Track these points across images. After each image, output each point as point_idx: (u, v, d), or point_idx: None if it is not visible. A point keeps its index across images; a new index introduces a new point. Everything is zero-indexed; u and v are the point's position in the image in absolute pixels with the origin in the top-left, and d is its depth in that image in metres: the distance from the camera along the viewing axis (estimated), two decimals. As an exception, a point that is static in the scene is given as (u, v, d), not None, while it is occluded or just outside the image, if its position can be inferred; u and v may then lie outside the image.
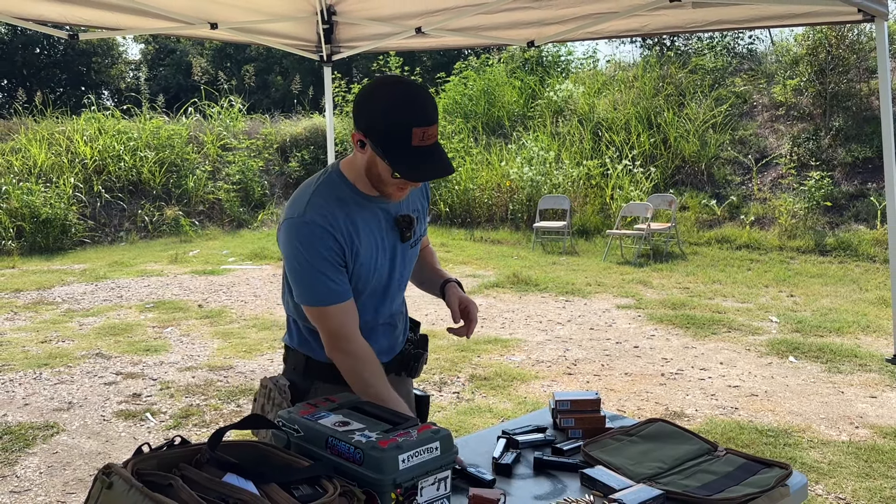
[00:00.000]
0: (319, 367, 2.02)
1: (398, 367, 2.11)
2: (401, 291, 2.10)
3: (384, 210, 1.96)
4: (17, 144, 13.48)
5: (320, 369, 2.02)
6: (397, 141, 1.75)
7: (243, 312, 7.70)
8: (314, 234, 1.84)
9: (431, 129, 1.77)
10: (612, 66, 16.43)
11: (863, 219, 10.63)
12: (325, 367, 2.01)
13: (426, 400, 2.20)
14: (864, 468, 3.95)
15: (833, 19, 2.85)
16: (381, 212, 1.96)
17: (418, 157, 1.76)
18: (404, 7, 3.46)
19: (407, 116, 1.75)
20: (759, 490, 1.78)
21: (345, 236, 1.87)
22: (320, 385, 2.02)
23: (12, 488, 3.87)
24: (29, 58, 23.07)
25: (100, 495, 1.39)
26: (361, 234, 1.91)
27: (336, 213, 1.87)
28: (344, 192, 1.91)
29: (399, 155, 1.76)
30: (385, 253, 1.98)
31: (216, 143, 15.20)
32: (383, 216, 1.96)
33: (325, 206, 1.88)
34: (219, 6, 3.40)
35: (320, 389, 2.01)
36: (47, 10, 3.16)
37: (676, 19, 3.16)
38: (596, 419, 2.22)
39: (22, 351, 6.33)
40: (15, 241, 11.66)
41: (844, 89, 12.13)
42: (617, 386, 5.34)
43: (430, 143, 1.77)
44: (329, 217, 1.86)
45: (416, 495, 1.52)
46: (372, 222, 1.94)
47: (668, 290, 8.52)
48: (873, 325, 6.78)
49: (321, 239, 1.84)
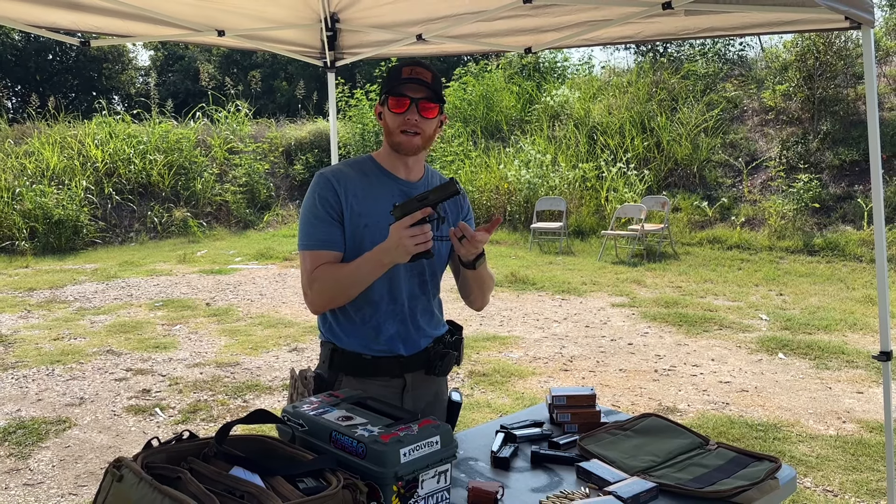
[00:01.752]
0: (344, 357, 2.02)
1: (423, 364, 2.06)
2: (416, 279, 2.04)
3: (403, 190, 2.01)
4: (31, 148, 13.49)
5: (345, 359, 2.02)
6: (392, 80, 1.95)
7: (249, 311, 7.70)
8: (319, 184, 1.97)
9: (419, 69, 1.94)
10: (606, 71, 16.44)
11: (850, 220, 10.63)
12: (349, 357, 2.01)
13: (456, 406, 2.13)
14: (850, 461, 3.95)
15: (821, 27, 2.84)
16: (399, 190, 2.01)
17: (402, 84, 1.93)
18: (405, 15, 3.46)
19: (400, 64, 1.98)
20: (750, 483, 1.78)
21: (348, 193, 1.96)
22: (344, 378, 2.02)
23: (26, 481, 3.87)
24: (42, 64, 23.10)
25: (110, 488, 1.39)
26: (370, 200, 1.97)
27: (350, 175, 1.99)
28: (367, 166, 2.04)
29: (389, 83, 1.96)
30: None
31: (223, 146, 15.20)
32: (400, 194, 2.00)
33: (344, 168, 2.02)
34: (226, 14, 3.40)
35: (345, 382, 2.01)
36: (60, 18, 3.16)
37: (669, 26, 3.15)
38: (591, 414, 2.22)
39: (35, 348, 6.33)
40: (28, 242, 11.66)
41: (832, 94, 12.13)
42: (612, 382, 5.34)
43: (418, 77, 1.93)
44: (339, 174, 1.98)
45: (417, 488, 1.52)
46: (384, 192, 1.99)
47: (661, 288, 8.52)
48: (860, 322, 6.78)
49: (323, 188, 1.96)
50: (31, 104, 16.26)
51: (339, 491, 1.36)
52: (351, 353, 2.01)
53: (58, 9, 3.08)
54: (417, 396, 2.04)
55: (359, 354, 2.01)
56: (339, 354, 2.03)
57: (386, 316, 2.01)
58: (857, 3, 2.35)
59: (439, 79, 2.00)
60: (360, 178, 2.00)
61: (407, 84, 1.93)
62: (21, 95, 22.81)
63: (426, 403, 2.07)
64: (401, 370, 2.02)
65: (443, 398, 2.16)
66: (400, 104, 1.94)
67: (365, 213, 1.96)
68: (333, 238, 1.94)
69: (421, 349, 2.06)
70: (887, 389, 2.78)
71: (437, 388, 2.14)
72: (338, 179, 1.97)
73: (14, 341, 6.56)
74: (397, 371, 2.02)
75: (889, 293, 2.77)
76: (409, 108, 1.94)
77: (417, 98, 1.93)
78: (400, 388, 2.04)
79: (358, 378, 2.01)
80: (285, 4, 3.43)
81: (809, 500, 3.52)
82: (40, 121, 14.80)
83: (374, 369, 2.01)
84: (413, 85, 1.93)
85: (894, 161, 10.81)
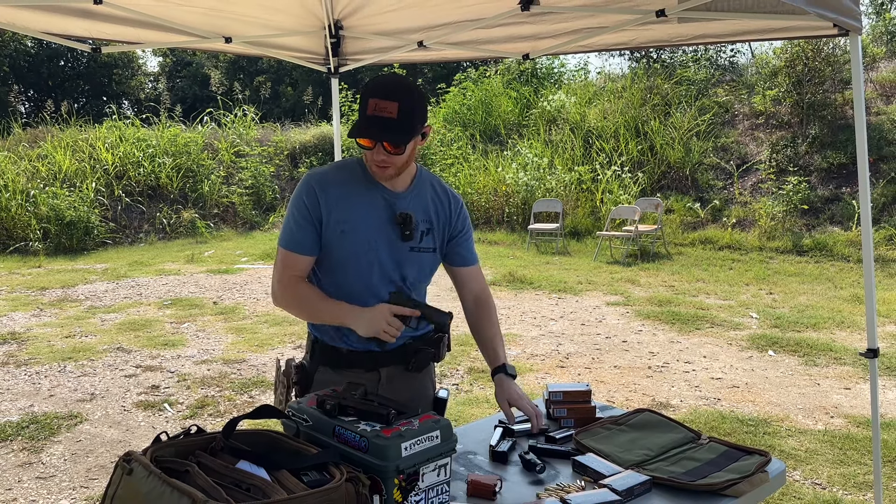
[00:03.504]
0: (324, 350, 2.03)
1: (398, 360, 2.03)
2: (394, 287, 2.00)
3: (387, 200, 1.96)
4: (44, 151, 13.49)
5: (324, 352, 2.03)
6: (361, 111, 1.85)
7: (255, 309, 7.69)
8: (304, 187, 1.94)
9: (385, 102, 1.80)
10: (602, 77, 16.44)
11: (838, 221, 10.63)
12: (328, 350, 2.02)
13: (442, 403, 2.12)
14: (838, 455, 3.95)
15: (810, 33, 2.84)
16: (383, 200, 1.96)
17: (366, 123, 1.82)
18: (407, 22, 3.45)
19: (370, 90, 1.83)
20: (740, 476, 1.78)
21: (329, 199, 1.92)
22: (322, 369, 2.03)
23: (38, 474, 3.87)
24: (54, 70, 23.09)
25: (120, 481, 1.39)
26: (352, 207, 1.93)
27: (335, 180, 1.95)
28: (355, 170, 1.98)
29: (357, 122, 1.85)
30: (379, 239, 1.94)
31: (230, 149, 15.20)
32: (384, 204, 1.96)
33: (330, 173, 1.98)
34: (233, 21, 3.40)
35: (322, 373, 2.03)
36: (72, 26, 3.16)
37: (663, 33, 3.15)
38: (587, 409, 2.22)
39: (47, 345, 6.33)
40: (41, 243, 11.65)
41: (820, 99, 12.13)
42: (607, 378, 5.34)
43: (384, 115, 1.80)
44: (324, 180, 1.95)
45: (417, 481, 1.52)
46: (367, 201, 1.95)
47: (654, 288, 8.52)
48: (847, 321, 6.78)
49: (306, 191, 1.93)
50: (45, 109, 16.25)
51: (343, 484, 1.36)
52: (329, 345, 2.02)
53: (70, 17, 3.08)
54: (394, 390, 1.99)
55: (336, 348, 2.01)
56: (319, 346, 2.05)
57: None
58: (846, 10, 2.35)
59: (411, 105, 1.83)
60: (345, 183, 1.95)
61: (372, 121, 1.82)
62: (34, 100, 22.81)
63: (407, 399, 1.99)
64: (375, 364, 2.01)
65: (427, 394, 2.13)
66: (366, 142, 1.86)
67: (344, 220, 1.92)
68: (307, 241, 1.93)
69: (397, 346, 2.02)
70: (874, 385, 2.78)
71: (418, 384, 2.10)
72: (321, 186, 1.93)
73: (27, 339, 6.56)
74: (371, 365, 2.01)
75: (876, 292, 2.76)
76: (376, 147, 1.86)
77: (381, 139, 1.83)
78: (375, 381, 2.01)
79: (334, 370, 2.02)
80: (290, 12, 3.43)
81: (798, 493, 3.52)
82: (53, 125, 14.79)
83: (349, 362, 2.01)
84: (378, 122, 1.81)
85: (881, 164, 10.82)
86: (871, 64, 12.67)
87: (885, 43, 13.25)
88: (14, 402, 4.95)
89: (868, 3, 15.27)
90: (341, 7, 3.46)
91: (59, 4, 2.90)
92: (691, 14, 2.72)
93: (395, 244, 1.96)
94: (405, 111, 1.81)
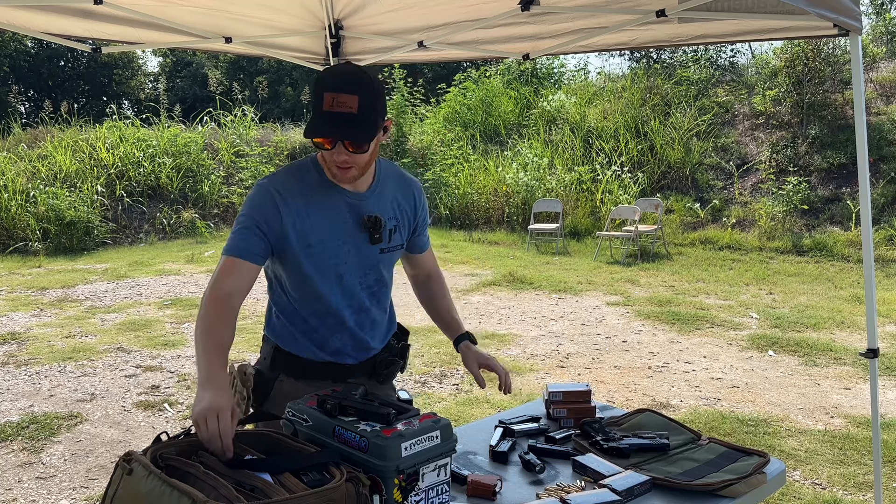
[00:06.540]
0: (285, 358, 1.93)
1: (367, 371, 1.98)
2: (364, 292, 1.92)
3: (351, 204, 1.84)
4: (44, 151, 13.49)
5: (286, 360, 1.93)
6: (315, 107, 1.69)
7: (255, 309, 7.69)
8: (258, 195, 1.78)
9: (343, 96, 1.65)
10: (601, 77, 16.44)
11: (837, 221, 10.63)
12: (289, 359, 1.93)
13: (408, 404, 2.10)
14: (838, 455, 3.95)
15: (810, 34, 2.84)
16: (346, 205, 1.84)
17: (323, 120, 1.67)
18: (407, 22, 3.45)
19: (324, 83, 1.69)
20: (737, 477, 1.78)
21: (291, 210, 1.77)
22: (284, 378, 1.94)
23: (38, 474, 3.87)
24: (54, 70, 23.10)
25: (121, 481, 1.39)
26: (313, 214, 1.80)
27: (294, 189, 1.79)
28: (310, 175, 1.83)
29: (312, 119, 1.70)
30: (348, 248, 1.85)
31: (230, 150, 15.20)
32: (347, 208, 1.84)
33: (285, 178, 1.81)
34: (233, 21, 3.39)
35: (285, 383, 1.94)
36: (72, 26, 3.16)
37: (663, 34, 3.15)
38: (587, 409, 2.22)
39: (47, 345, 6.33)
40: (41, 243, 11.66)
41: (820, 99, 12.13)
42: (607, 378, 5.34)
43: (343, 111, 1.65)
44: (284, 190, 1.78)
45: (417, 480, 1.52)
46: (330, 208, 1.82)
47: (654, 288, 8.52)
48: (847, 321, 6.78)
49: (262, 200, 1.77)
50: (44, 109, 16.26)
51: (343, 484, 1.36)
52: (293, 355, 1.92)
53: (70, 17, 3.08)
54: None
55: (301, 357, 1.92)
56: (281, 355, 1.94)
57: (332, 331, 1.91)
58: (846, 10, 2.35)
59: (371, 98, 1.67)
60: (305, 192, 1.80)
61: (329, 118, 1.66)
62: (34, 100, 22.82)
63: None
64: (344, 375, 1.93)
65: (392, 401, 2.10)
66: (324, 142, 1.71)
67: (308, 232, 1.79)
68: (258, 250, 1.75)
69: (367, 358, 1.98)
70: (874, 385, 2.78)
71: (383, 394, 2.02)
72: (283, 196, 1.77)
73: (27, 339, 6.56)
74: (340, 376, 1.92)
75: (876, 292, 2.77)
76: (336, 147, 1.70)
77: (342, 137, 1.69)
78: None
79: (299, 380, 1.92)
80: (291, 12, 3.43)
81: (798, 493, 3.52)
82: (53, 125, 14.79)
83: (316, 373, 1.92)
84: (337, 119, 1.66)
85: (881, 164, 10.82)
86: (871, 64, 12.67)
87: (885, 43, 13.26)
88: (14, 402, 4.95)
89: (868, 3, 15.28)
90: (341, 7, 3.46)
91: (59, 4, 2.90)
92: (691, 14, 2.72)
93: (365, 249, 1.87)
94: (366, 105, 1.66)
